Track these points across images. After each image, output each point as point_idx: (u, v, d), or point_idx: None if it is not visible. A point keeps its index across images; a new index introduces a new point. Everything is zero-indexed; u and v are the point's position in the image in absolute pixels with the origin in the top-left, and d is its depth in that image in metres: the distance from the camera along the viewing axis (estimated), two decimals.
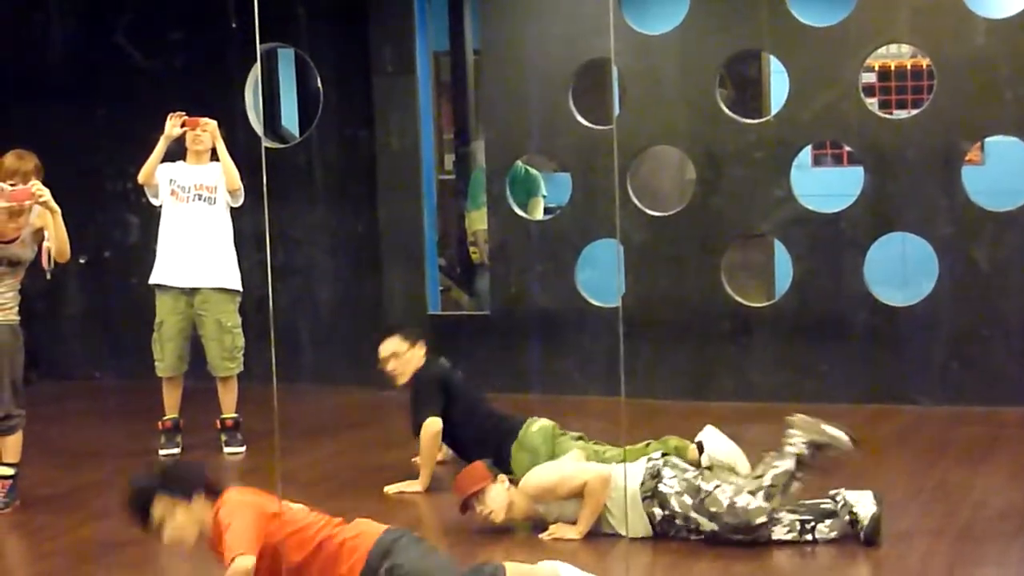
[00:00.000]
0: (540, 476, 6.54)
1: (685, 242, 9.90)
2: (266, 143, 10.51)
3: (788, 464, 6.14)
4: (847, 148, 11.25)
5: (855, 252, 9.48)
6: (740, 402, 9.35)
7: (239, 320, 8.69)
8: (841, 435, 6.22)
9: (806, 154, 11.08)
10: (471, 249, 12.11)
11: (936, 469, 7.41)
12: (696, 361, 9.89)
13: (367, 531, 5.19)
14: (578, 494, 6.38)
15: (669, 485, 6.27)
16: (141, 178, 8.56)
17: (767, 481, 6.12)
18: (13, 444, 7.36)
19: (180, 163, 8.62)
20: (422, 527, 6.62)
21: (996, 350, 9.18)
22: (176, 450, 8.62)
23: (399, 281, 10.76)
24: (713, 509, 6.17)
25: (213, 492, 5.18)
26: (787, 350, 9.65)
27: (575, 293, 10.13)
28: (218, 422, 8.74)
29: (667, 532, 6.28)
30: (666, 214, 10.00)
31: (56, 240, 7.30)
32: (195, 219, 8.58)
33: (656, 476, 6.32)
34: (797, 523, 6.09)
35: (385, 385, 8.30)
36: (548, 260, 10.27)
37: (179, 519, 5.06)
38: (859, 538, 6.05)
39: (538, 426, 7.45)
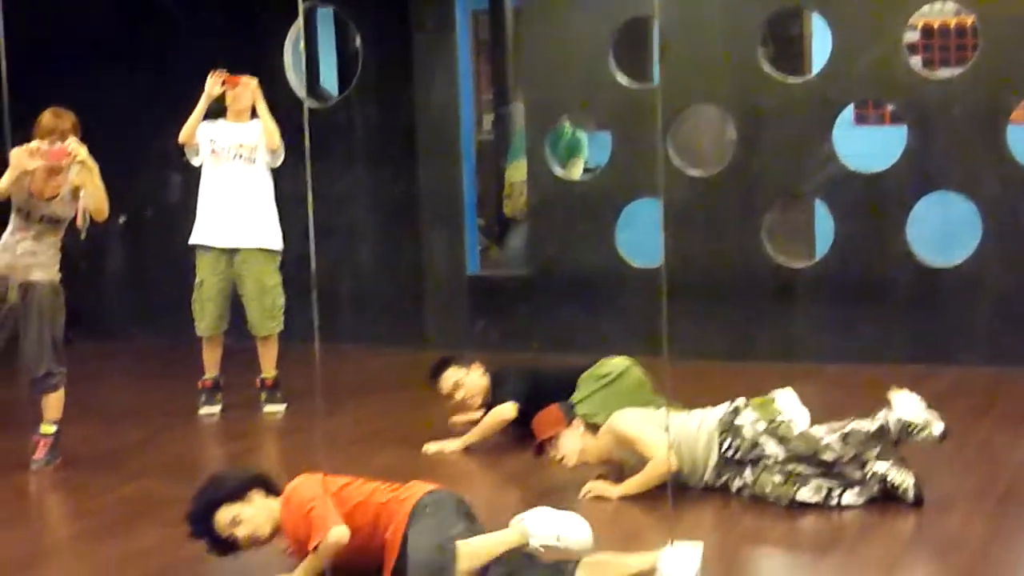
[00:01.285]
0: (626, 423, 6.45)
1: (726, 202, 9.85)
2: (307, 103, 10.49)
3: (869, 426, 6.09)
4: (890, 107, 11.16)
5: (898, 212, 9.41)
6: (782, 363, 9.30)
7: (279, 279, 8.69)
8: (938, 425, 6.11)
9: (849, 113, 10.98)
10: (504, 202, 12.08)
11: (979, 431, 7.35)
12: (737, 322, 9.85)
13: (413, 494, 5.17)
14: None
15: (746, 418, 6.28)
16: (182, 137, 8.56)
17: (846, 429, 6.09)
18: (55, 402, 7.39)
19: (220, 121, 8.61)
20: (458, 486, 6.61)
21: None
22: (217, 407, 8.63)
23: (438, 242, 10.75)
24: (784, 434, 6.16)
25: (269, 486, 5.22)
26: (829, 311, 9.60)
27: (615, 254, 10.09)
28: (258, 381, 8.75)
29: (728, 466, 6.27)
30: (707, 174, 9.94)
31: (93, 198, 7.31)
32: (235, 179, 8.57)
33: (736, 412, 6.33)
34: (824, 488, 6.05)
35: (427, 345, 8.28)
36: (588, 220, 10.23)
37: (245, 520, 5.09)
38: (894, 501, 6.00)
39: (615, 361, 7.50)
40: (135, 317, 11.68)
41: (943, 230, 9.91)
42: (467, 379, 7.77)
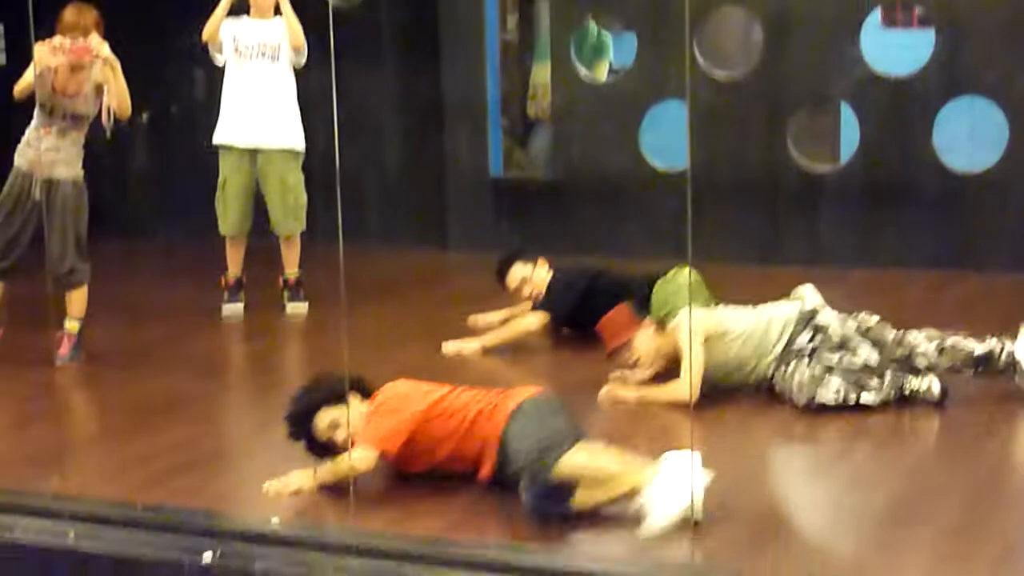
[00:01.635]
0: (683, 331, 6.26)
1: (751, 105, 9.78)
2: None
3: (976, 348, 6.09)
4: (918, 9, 11.04)
5: (924, 116, 9.34)
6: (806, 267, 9.27)
7: (302, 179, 8.67)
8: None
9: (876, 15, 10.86)
10: (528, 104, 12.03)
11: (1004, 337, 7.33)
12: (761, 226, 9.82)
13: (517, 393, 5.15)
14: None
15: (829, 317, 6.21)
16: (205, 35, 8.51)
17: (947, 342, 6.09)
18: (78, 298, 7.41)
19: (244, 18, 8.56)
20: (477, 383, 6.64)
21: None
22: (239, 306, 8.65)
23: (462, 143, 10.71)
24: (877, 336, 6.12)
25: (364, 390, 5.24)
26: (854, 215, 9.56)
27: (639, 156, 10.05)
28: (281, 280, 8.76)
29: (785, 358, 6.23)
30: (733, 77, 9.87)
31: (116, 95, 7.29)
32: (258, 77, 8.54)
33: (815, 310, 6.26)
34: (843, 389, 6.03)
35: (449, 246, 8.26)
36: (612, 123, 10.18)
37: (343, 424, 5.10)
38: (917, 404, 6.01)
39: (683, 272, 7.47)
40: (159, 215, 11.70)
41: (970, 136, 9.84)
42: (533, 276, 7.78)
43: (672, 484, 4.57)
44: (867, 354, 6.09)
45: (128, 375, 7.24)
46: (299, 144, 8.64)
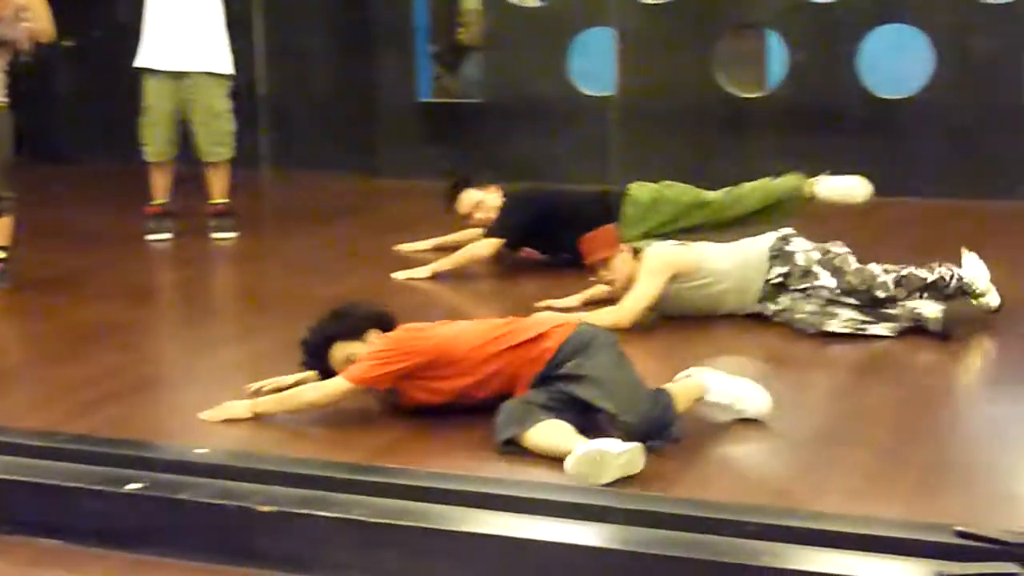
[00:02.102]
0: (647, 263, 6.35)
1: (679, 31, 9.80)
2: None
3: (927, 275, 6.14)
4: None
5: (850, 42, 9.40)
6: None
7: (230, 105, 8.61)
8: (995, 296, 6.16)
9: None
10: (460, 30, 11.99)
11: (931, 262, 7.41)
12: (689, 151, 9.86)
13: (564, 324, 5.06)
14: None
15: (798, 246, 6.30)
16: None
17: (902, 272, 6.15)
18: (4, 226, 7.34)
19: None
20: (430, 305, 6.66)
21: (991, 142, 9.15)
22: (167, 235, 8.61)
23: (390, 67, 10.67)
24: (839, 265, 6.20)
25: (386, 326, 5.14)
26: (781, 140, 9.62)
27: (568, 82, 10.06)
28: (208, 207, 8.72)
29: (774, 292, 6.29)
30: (660, 2, 9.87)
31: (39, 19, 7.20)
32: (183, 1, 8.45)
33: (786, 240, 6.34)
34: (851, 321, 6.09)
35: (378, 172, 8.25)
36: (541, 48, 10.17)
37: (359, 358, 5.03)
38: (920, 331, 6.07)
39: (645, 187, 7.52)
40: (85, 141, 11.60)
41: (896, 61, 9.91)
42: (487, 201, 7.73)
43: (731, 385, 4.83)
44: (827, 281, 6.18)
45: (56, 303, 7.19)
46: (226, 68, 8.57)
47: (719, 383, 4.87)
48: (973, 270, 6.20)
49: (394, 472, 4.34)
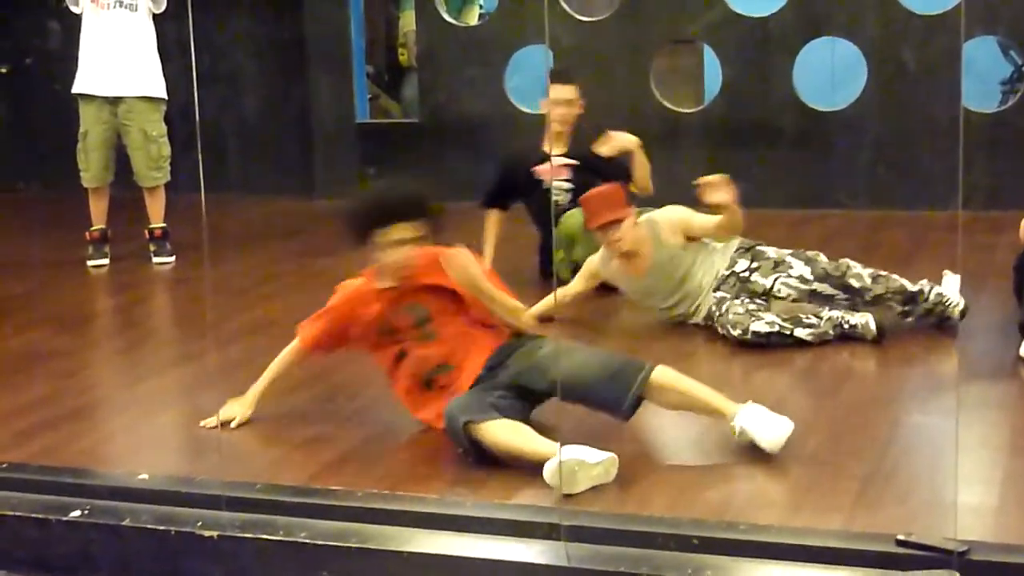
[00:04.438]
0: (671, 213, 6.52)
1: (615, 47, 9.84)
2: None
3: (909, 285, 6.19)
4: None
5: (784, 56, 9.46)
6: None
7: (164, 129, 8.59)
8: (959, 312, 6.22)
9: None
10: (400, 51, 12.00)
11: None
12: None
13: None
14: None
15: (770, 248, 6.45)
16: None
17: (881, 272, 6.23)
18: None
19: None
20: None
21: (923, 154, 9.23)
22: (104, 260, 8.57)
23: (326, 89, 10.66)
24: (812, 256, 6.34)
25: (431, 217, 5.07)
26: (716, 155, 9.65)
27: (505, 99, 10.08)
28: (146, 232, 8.68)
29: (744, 288, 6.34)
30: (595, 19, 9.91)
31: None
32: (117, 27, 8.42)
33: (754, 245, 6.49)
34: (776, 324, 6.12)
35: (315, 194, 8.20)
36: (478, 66, 10.19)
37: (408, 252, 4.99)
38: (849, 339, 6.13)
39: None
40: (20, 168, 11.51)
41: (829, 74, 9.99)
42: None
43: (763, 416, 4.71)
44: (801, 269, 6.28)
45: None
46: (160, 92, 8.56)
47: (753, 414, 4.73)
48: (950, 287, 6.26)
49: (336, 494, 4.32)
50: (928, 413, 5.31)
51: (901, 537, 3.76)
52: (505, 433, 4.63)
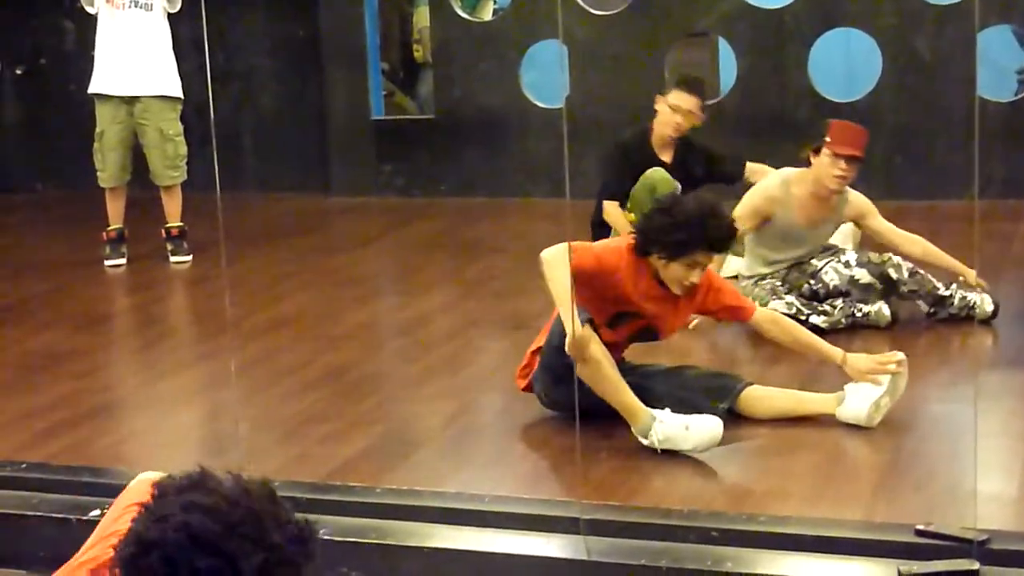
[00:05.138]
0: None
1: (629, 41, 9.82)
2: None
3: (941, 288, 6.25)
4: None
5: (799, 48, 9.44)
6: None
7: (181, 128, 8.59)
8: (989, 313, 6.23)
9: None
10: (414, 47, 12.00)
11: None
12: None
13: None
14: None
15: None
16: None
17: (919, 270, 6.32)
18: None
19: None
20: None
21: (939, 144, 9.21)
22: (122, 260, 8.58)
23: (341, 86, 10.65)
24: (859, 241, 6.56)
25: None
26: (733, 147, 9.63)
27: (519, 95, 10.07)
28: (163, 231, 8.69)
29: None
30: (609, 13, 9.90)
31: None
32: (132, 26, 8.43)
33: None
34: (794, 306, 6.15)
35: (331, 191, 8.20)
36: (492, 61, 10.18)
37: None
38: (864, 328, 6.16)
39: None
40: (37, 169, 11.53)
41: (844, 65, 9.96)
42: None
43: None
44: (849, 255, 6.45)
45: (9, 332, 7.15)
46: (176, 91, 8.56)
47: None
48: (979, 295, 6.26)
49: (355, 490, 4.33)
50: (947, 402, 5.31)
51: (920, 527, 3.76)
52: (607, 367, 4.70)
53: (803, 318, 6.09)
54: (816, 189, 6.41)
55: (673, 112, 7.55)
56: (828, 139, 6.37)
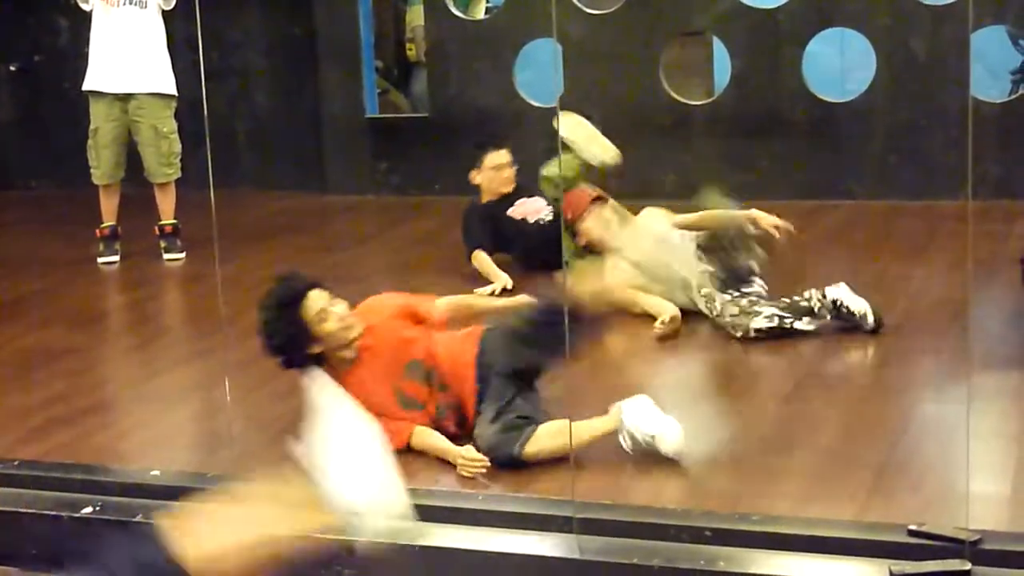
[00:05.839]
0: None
1: (624, 40, 9.82)
2: None
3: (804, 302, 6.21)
4: None
5: (793, 47, 9.44)
6: (682, 200, 9.34)
7: (175, 125, 8.59)
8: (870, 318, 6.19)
9: None
10: (407, 46, 12.00)
11: (874, 263, 7.47)
12: (635, 160, 9.87)
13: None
14: None
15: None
16: None
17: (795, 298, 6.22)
18: None
19: None
20: None
21: (933, 143, 9.21)
22: (115, 257, 8.58)
23: (336, 84, 10.65)
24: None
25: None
26: (726, 147, 9.66)
27: (514, 93, 10.07)
28: (157, 228, 8.69)
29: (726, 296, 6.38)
30: (604, 11, 9.90)
31: None
32: (127, 24, 8.43)
33: None
34: (776, 317, 6.12)
35: (326, 188, 8.20)
36: (486, 60, 10.18)
37: (332, 316, 5.00)
38: (854, 329, 6.10)
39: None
40: (31, 166, 11.52)
41: (839, 65, 9.97)
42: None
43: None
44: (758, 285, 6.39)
45: (3, 328, 7.15)
46: (170, 88, 8.56)
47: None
48: (846, 296, 6.21)
49: None
50: (940, 403, 5.32)
51: (913, 527, 3.77)
52: (555, 436, 4.60)
53: (788, 326, 6.08)
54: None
55: (498, 170, 7.96)
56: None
